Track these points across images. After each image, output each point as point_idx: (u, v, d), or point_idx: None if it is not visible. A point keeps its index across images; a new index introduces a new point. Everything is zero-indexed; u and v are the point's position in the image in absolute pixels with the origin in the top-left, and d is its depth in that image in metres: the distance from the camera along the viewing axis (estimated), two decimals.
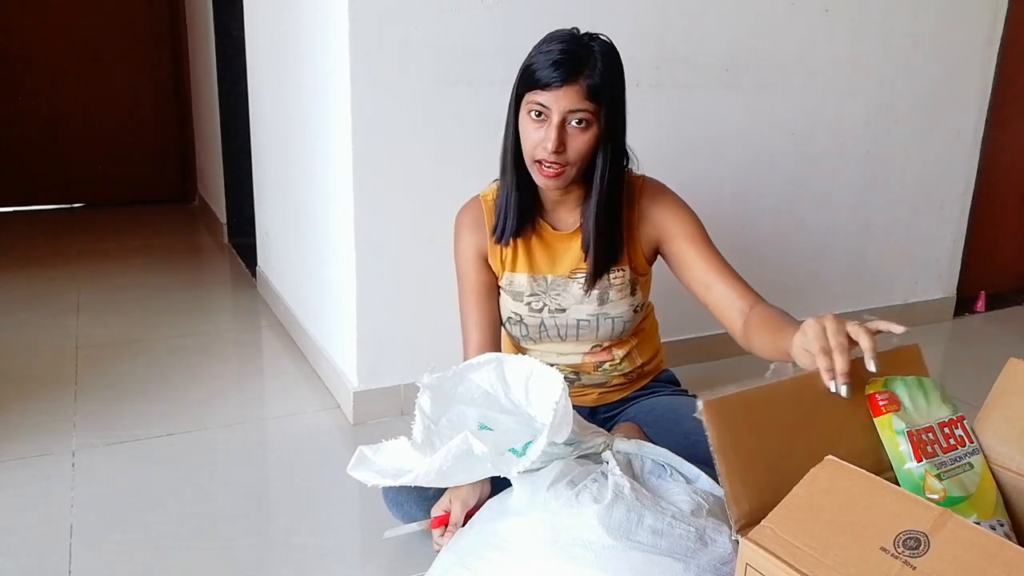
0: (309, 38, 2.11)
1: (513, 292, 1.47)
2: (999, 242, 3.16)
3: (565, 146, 1.26)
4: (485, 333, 1.49)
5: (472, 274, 1.49)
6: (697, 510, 1.15)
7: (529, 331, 1.48)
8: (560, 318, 1.46)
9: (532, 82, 1.26)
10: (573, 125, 1.26)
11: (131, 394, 2.10)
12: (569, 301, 1.45)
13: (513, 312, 1.48)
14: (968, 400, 1.24)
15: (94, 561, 1.42)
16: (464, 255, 1.49)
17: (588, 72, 1.24)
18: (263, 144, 2.82)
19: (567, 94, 1.24)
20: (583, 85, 1.24)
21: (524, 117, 1.29)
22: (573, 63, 1.23)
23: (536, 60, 1.26)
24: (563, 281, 1.45)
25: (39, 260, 3.43)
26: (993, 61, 2.77)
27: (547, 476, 1.20)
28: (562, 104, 1.24)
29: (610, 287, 1.44)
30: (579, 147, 1.27)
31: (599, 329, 1.47)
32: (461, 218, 1.50)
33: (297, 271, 2.52)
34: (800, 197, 2.52)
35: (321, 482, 1.72)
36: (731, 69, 2.26)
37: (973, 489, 1.05)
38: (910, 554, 0.78)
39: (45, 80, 4.33)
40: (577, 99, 1.24)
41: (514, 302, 1.48)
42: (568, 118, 1.25)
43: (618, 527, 1.11)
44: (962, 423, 1.11)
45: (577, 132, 1.26)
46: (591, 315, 1.45)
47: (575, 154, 1.28)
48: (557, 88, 1.23)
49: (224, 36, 3.45)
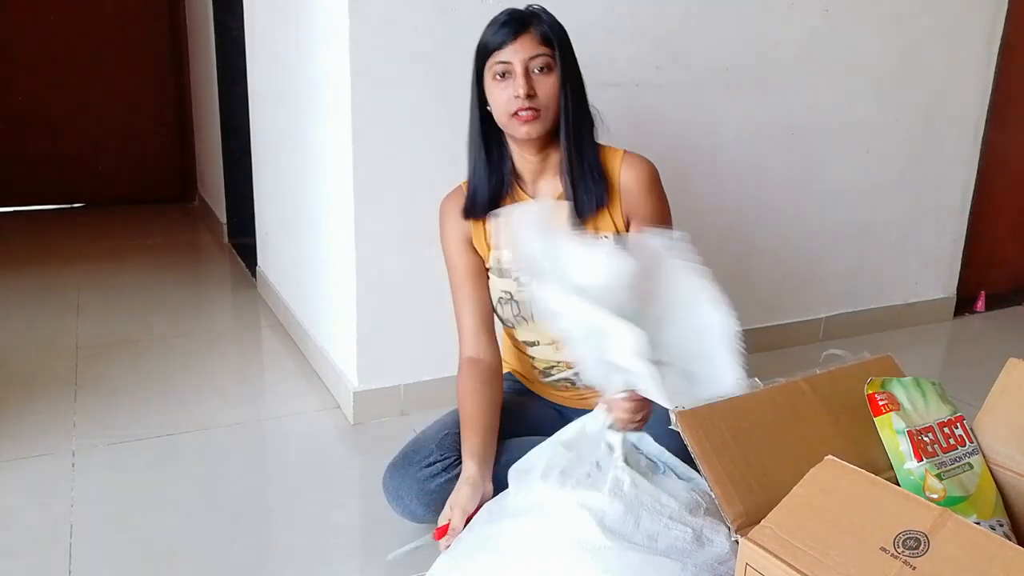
0: (309, 38, 2.11)
1: (500, 270, 1.48)
2: (999, 242, 3.16)
3: (535, 91, 1.34)
4: (478, 318, 1.51)
5: (459, 260, 1.51)
6: (695, 508, 1.15)
7: (520, 308, 1.47)
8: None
9: (488, 49, 1.36)
10: (536, 72, 1.35)
11: (131, 394, 2.10)
12: None
13: (503, 291, 1.48)
14: (968, 400, 1.24)
15: (94, 561, 1.42)
16: (449, 241, 1.52)
17: (536, 23, 1.36)
18: (263, 144, 2.82)
19: (523, 44, 1.34)
20: (535, 33, 1.35)
21: (491, 84, 1.37)
22: (520, 19, 1.35)
23: (486, 33, 1.38)
24: None
25: (39, 260, 3.43)
26: (993, 61, 2.77)
27: (537, 467, 1.19)
28: (521, 54, 1.34)
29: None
30: (547, 89, 1.35)
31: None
32: (444, 206, 1.53)
33: (297, 271, 2.52)
34: (800, 197, 2.52)
35: (321, 482, 1.72)
36: (731, 69, 2.26)
37: (973, 489, 1.05)
38: (910, 554, 0.78)
39: (45, 80, 4.33)
40: (533, 45, 1.34)
41: (502, 279, 1.48)
42: (530, 66, 1.34)
43: (615, 528, 1.11)
44: (962, 423, 1.11)
45: (541, 78, 1.35)
46: None
47: (545, 96, 1.35)
48: (513, 41, 1.34)
49: (224, 36, 3.45)
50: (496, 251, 1.48)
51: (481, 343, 1.50)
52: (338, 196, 1.97)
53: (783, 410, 1.05)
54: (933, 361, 2.61)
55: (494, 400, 1.48)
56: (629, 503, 1.13)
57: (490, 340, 1.52)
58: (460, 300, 1.52)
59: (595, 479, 1.17)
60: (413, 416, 2.00)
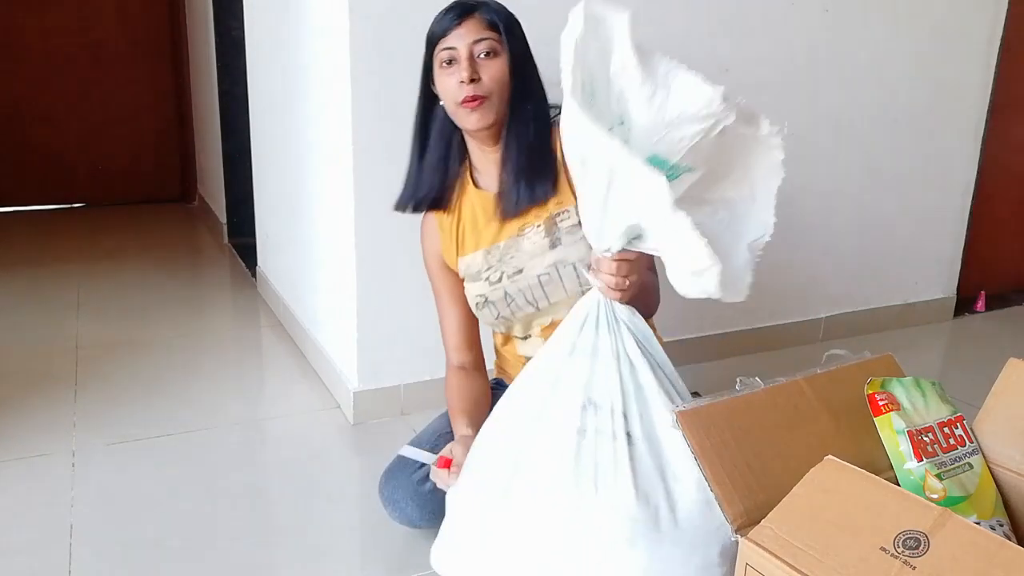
0: (309, 38, 2.11)
1: (471, 275, 1.46)
2: (999, 242, 3.16)
3: (479, 76, 1.31)
4: (461, 333, 1.52)
5: (437, 280, 1.53)
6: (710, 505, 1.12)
7: (498, 308, 1.44)
8: (520, 280, 1.41)
9: (434, 37, 1.34)
10: (481, 58, 1.32)
11: (131, 394, 2.10)
12: (523, 259, 1.40)
13: (477, 295, 1.45)
14: (968, 400, 1.24)
15: (94, 561, 1.42)
16: (428, 263, 1.54)
17: (483, 8, 1.33)
18: (263, 144, 2.82)
19: (467, 28, 1.31)
20: (480, 18, 1.32)
21: (439, 73, 1.35)
22: (464, 4, 1.33)
23: (432, 23, 1.36)
24: (513, 242, 1.42)
25: (39, 260, 3.43)
26: (993, 61, 2.77)
27: (543, 424, 1.16)
28: (466, 38, 1.31)
29: (558, 230, 1.38)
30: (492, 74, 1.32)
31: (564, 281, 1.39)
32: (421, 227, 1.55)
33: (297, 271, 2.52)
34: (800, 197, 2.52)
35: (321, 482, 1.72)
36: (731, 69, 2.26)
37: (973, 489, 1.05)
38: (910, 554, 0.78)
39: (45, 80, 4.33)
40: (477, 29, 1.32)
41: (473, 284, 1.46)
42: (475, 51, 1.32)
43: (642, 527, 1.07)
44: (962, 423, 1.11)
45: (486, 62, 1.32)
46: (549, 266, 1.39)
47: (490, 81, 1.32)
48: (457, 27, 1.32)
49: (224, 36, 3.45)
50: (464, 256, 1.47)
51: (464, 355, 1.53)
52: (338, 196, 1.97)
53: (783, 410, 1.05)
54: (933, 361, 2.61)
55: (481, 391, 1.50)
56: (650, 492, 1.08)
57: (473, 353, 1.54)
58: (442, 315, 1.54)
59: (615, 460, 1.10)
60: (413, 416, 2.00)
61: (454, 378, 1.51)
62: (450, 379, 1.52)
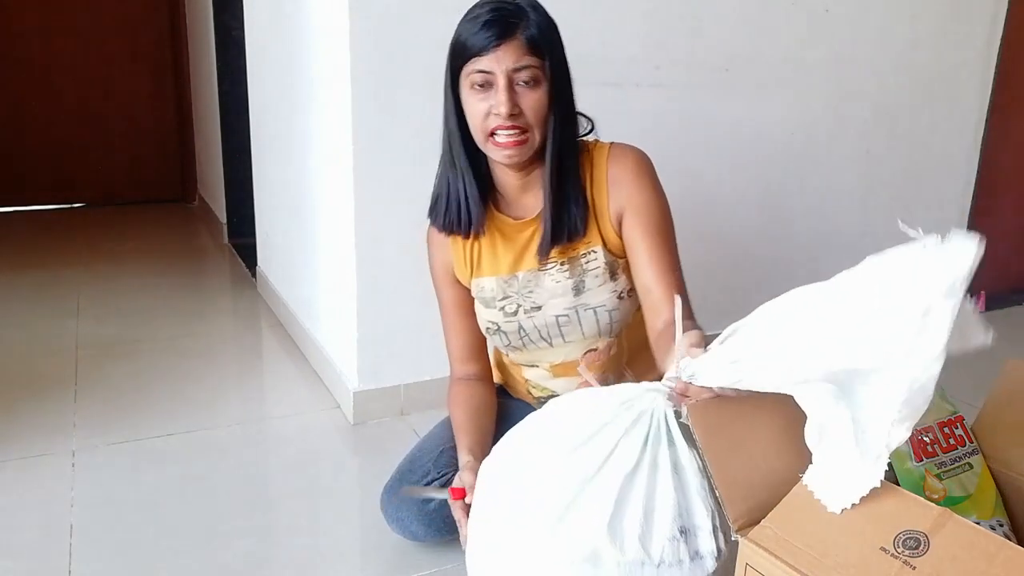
0: (309, 38, 2.11)
1: (484, 299, 1.38)
2: (999, 242, 3.15)
3: (520, 108, 1.17)
4: (466, 350, 1.45)
5: (444, 292, 1.44)
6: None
7: (509, 339, 1.38)
8: (537, 317, 1.34)
9: (466, 52, 1.17)
10: (521, 85, 1.17)
11: (131, 394, 2.10)
12: (543, 296, 1.33)
13: (489, 322, 1.38)
14: (968, 400, 1.24)
15: (94, 561, 1.42)
16: (435, 273, 1.44)
17: (524, 25, 1.16)
18: (263, 144, 2.82)
19: (507, 51, 1.15)
20: (522, 39, 1.15)
21: (467, 93, 1.19)
22: (504, 20, 1.15)
23: (462, 30, 1.18)
24: (533, 276, 1.33)
25: (39, 260, 3.43)
26: (993, 61, 2.77)
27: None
28: (505, 63, 1.15)
29: (584, 273, 1.31)
30: (534, 105, 1.18)
31: (582, 324, 1.33)
32: (428, 236, 1.43)
33: (297, 271, 2.52)
34: (799, 197, 2.52)
35: (321, 482, 1.72)
36: (731, 69, 2.26)
37: (973, 489, 1.06)
38: (910, 554, 0.78)
39: (45, 80, 4.33)
40: (519, 54, 1.15)
41: (487, 309, 1.38)
42: (514, 78, 1.16)
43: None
44: (962, 423, 1.11)
45: (527, 91, 1.17)
46: (568, 308, 1.32)
47: (532, 114, 1.18)
48: (495, 48, 1.14)
49: (224, 36, 3.45)
50: (479, 279, 1.37)
51: (470, 367, 1.46)
52: (338, 196, 1.97)
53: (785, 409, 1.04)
54: None
55: (486, 401, 1.43)
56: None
57: (480, 364, 1.47)
58: (447, 327, 1.46)
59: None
60: (413, 416, 2.00)
61: (458, 390, 1.44)
62: (453, 391, 1.44)
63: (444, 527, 1.39)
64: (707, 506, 1.00)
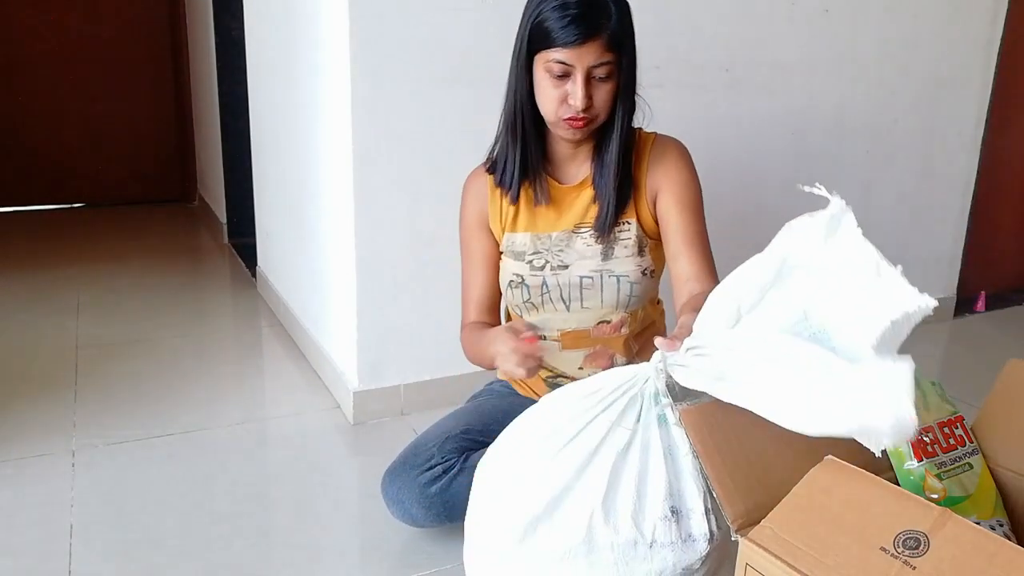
0: (309, 38, 2.11)
1: (514, 252, 1.42)
2: (999, 242, 3.16)
3: (592, 100, 1.25)
4: (484, 301, 1.47)
5: (474, 243, 1.46)
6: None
7: (531, 293, 1.41)
8: (563, 275, 1.40)
9: (549, 40, 1.22)
10: (597, 78, 1.25)
11: (131, 394, 2.10)
12: (572, 257, 1.39)
13: (514, 274, 1.42)
14: (968, 400, 1.24)
15: (94, 561, 1.42)
16: (467, 223, 1.47)
17: (606, 22, 1.22)
18: (263, 144, 2.82)
19: (590, 50, 1.21)
20: (604, 37, 1.21)
21: (541, 75, 1.26)
22: (591, 16, 1.20)
23: (547, 16, 1.22)
24: (566, 236, 1.40)
25: (39, 260, 3.43)
26: (993, 61, 2.77)
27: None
28: (586, 60, 1.22)
29: (615, 241, 1.38)
30: (604, 97, 1.27)
31: (603, 290, 1.39)
32: (466, 184, 1.48)
33: (297, 271, 2.52)
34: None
35: (321, 482, 1.73)
36: (731, 69, 2.26)
37: (973, 489, 1.06)
38: (910, 554, 0.78)
39: (45, 80, 4.32)
40: (599, 53, 1.22)
41: (515, 262, 1.42)
42: (592, 73, 1.24)
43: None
44: (962, 423, 1.11)
45: (600, 84, 1.25)
46: (594, 271, 1.38)
47: (601, 105, 1.27)
48: (579, 46, 1.21)
49: (224, 36, 3.45)
50: (512, 233, 1.42)
51: (484, 316, 1.48)
52: (338, 196, 1.97)
53: None
54: (933, 361, 2.61)
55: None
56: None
57: (492, 318, 1.49)
58: (470, 278, 1.48)
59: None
60: (413, 416, 2.00)
61: (474, 326, 1.44)
62: (468, 328, 1.45)
63: (443, 511, 1.41)
64: (699, 487, 1.03)
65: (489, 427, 1.45)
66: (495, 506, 1.09)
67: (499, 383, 1.62)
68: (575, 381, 1.12)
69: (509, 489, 1.07)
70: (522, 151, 1.35)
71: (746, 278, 1.00)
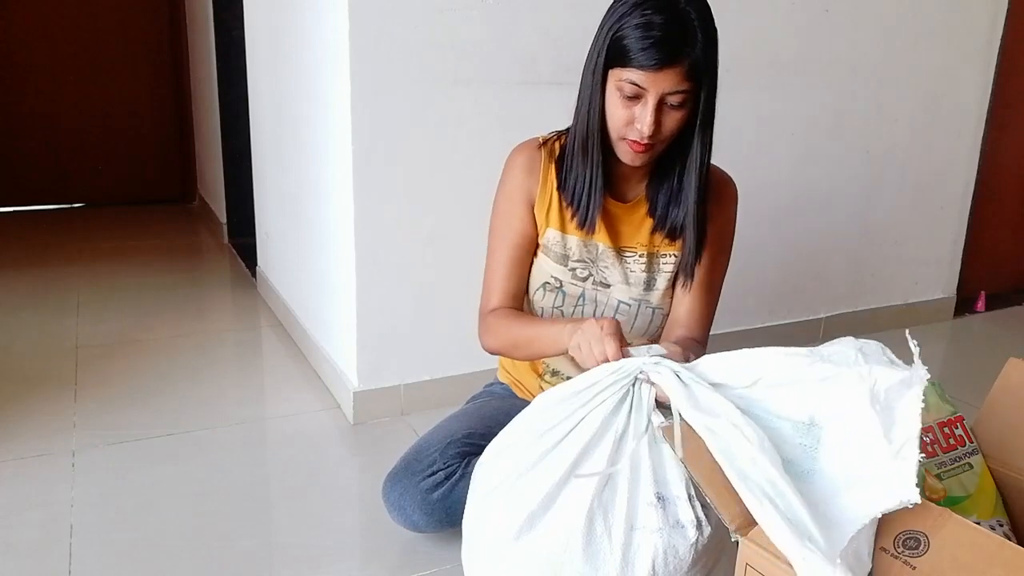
0: (309, 38, 2.11)
1: (557, 254, 1.35)
2: (999, 242, 3.16)
3: (659, 127, 1.19)
4: (509, 292, 1.37)
5: (515, 221, 1.35)
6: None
7: (565, 301, 1.36)
8: (602, 294, 1.36)
9: (625, 59, 1.15)
10: (669, 105, 1.18)
11: (131, 394, 2.10)
12: (615, 278, 1.35)
13: (552, 276, 1.36)
14: (968, 400, 1.24)
15: (94, 561, 1.42)
16: (511, 198, 1.35)
17: (690, 50, 1.13)
18: (263, 144, 2.82)
19: (667, 77, 1.14)
20: (684, 65, 1.14)
21: (612, 91, 1.19)
22: (674, 41, 1.12)
23: (628, 34, 1.15)
24: (612, 254, 1.35)
25: (39, 260, 3.43)
26: (993, 61, 2.77)
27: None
28: (661, 86, 1.15)
29: (658, 272, 1.36)
30: (671, 126, 1.20)
31: (637, 318, 1.37)
32: (516, 156, 1.36)
33: (297, 271, 2.52)
34: (800, 197, 2.52)
35: (321, 482, 1.72)
36: (731, 69, 2.25)
37: (973, 489, 1.06)
38: (910, 554, 0.78)
39: (45, 80, 4.32)
40: (677, 81, 1.15)
41: (556, 265, 1.35)
42: (665, 99, 1.17)
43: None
44: (962, 423, 1.11)
45: (671, 112, 1.18)
46: (633, 300, 1.36)
47: (667, 132, 1.20)
48: (657, 71, 1.13)
49: (224, 36, 3.45)
50: (559, 233, 1.34)
51: (508, 302, 1.39)
52: (338, 196, 1.97)
53: None
54: (933, 361, 2.60)
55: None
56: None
57: (517, 305, 1.41)
58: (498, 260, 1.37)
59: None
60: (413, 416, 2.01)
61: (500, 311, 1.35)
62: (494, 314, 1.36)
63: (445, 518, 1.40)
64: (681, 475, 1.04)
65: (492, 430, 1.42)
66: (492, 504, 1.09)
67: (498, 384, 1.62)
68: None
69: (505, 487, 1.08)
70: (597, 172, 1.28)
71: (787, 360, 1.00)
